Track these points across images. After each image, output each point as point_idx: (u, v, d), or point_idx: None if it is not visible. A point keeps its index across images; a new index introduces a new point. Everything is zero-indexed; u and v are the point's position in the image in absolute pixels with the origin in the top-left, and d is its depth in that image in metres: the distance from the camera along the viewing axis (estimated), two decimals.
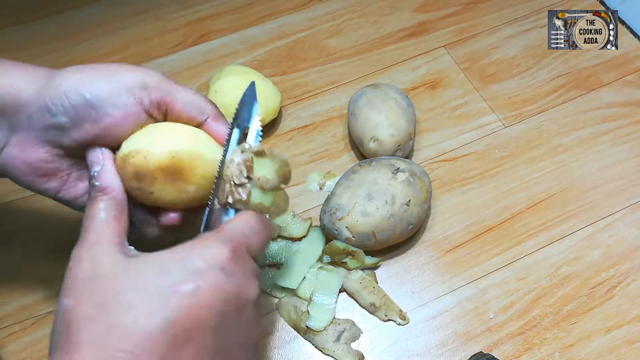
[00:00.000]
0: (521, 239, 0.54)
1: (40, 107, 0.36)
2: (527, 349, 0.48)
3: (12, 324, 0.50)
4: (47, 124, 0.36)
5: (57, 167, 0.39)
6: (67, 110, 0.36)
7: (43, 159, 0.38)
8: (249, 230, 0.36)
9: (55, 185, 0.39)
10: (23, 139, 0.37)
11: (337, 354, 0.48)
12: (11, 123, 0.37)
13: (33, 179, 0.38)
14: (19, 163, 0.37)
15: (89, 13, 0.72)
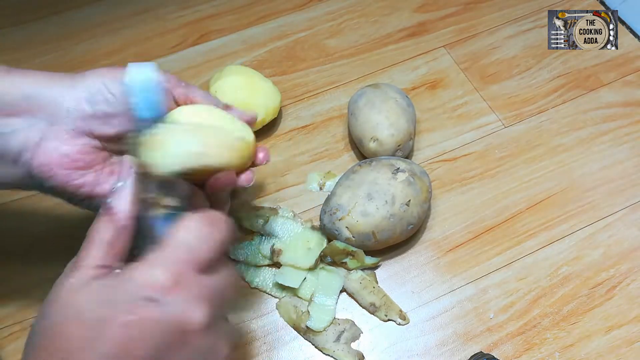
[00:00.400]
0: (521, 239, 0.54)
1: (79, 99, 0.37)
2: (527, 349, 0.48)
3: (12, 324, 0.50)
4: (87, 114, 0.37)
5: (94, 159, 0.39)
6: (107, 99, 0.37)
7: (82, 150, 0.38)
8: (194, 242, 0.33)
9: (90, 180, 0.39)
10: (62, 132, 0.37)
11: (337, 354, 0.48)
12: (49, 117, 0.37)
13: (70, 173, 0.38)
14: (57, 155, 0.37)
15: (89, 13, 0.72)
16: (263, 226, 0.53)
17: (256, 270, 0.52)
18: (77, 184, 0.39)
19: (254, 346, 0.49)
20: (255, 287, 0.51)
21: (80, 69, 0.67)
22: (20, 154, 0.37)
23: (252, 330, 0.50)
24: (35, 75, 0.38)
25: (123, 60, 0.67)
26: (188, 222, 0.33)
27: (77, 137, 0.38)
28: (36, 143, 0.37)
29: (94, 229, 0.34)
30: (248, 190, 0.57)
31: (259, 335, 0.49)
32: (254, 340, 0.49)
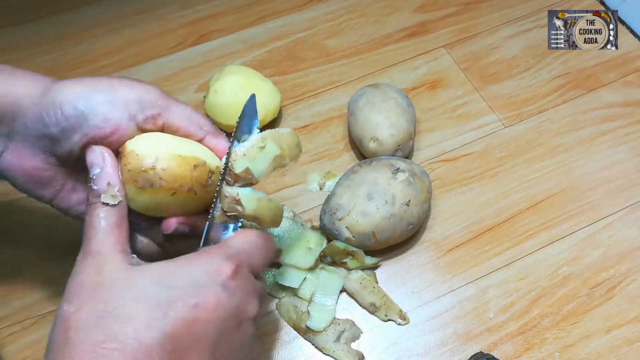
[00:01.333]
0: (521, 239, 0.54)
1: (35, 117, 0.36)
2: (527, 349, 0.48)
3: (12, 324, 0.50)
4: (40, 133, 0.36)
5: (52, 175, 0.39)
6: (59, 122, 0.36)
7: (38, 167, 0.38)
8: (251, 248, 0.37)
9: (49, 193, 0.40)
10: (20, 147, 0.37)
11: (337, 354, 0.48)
12: (10, 130, 0.37)
13: (29, 186, 0.39)
14: (16, 169, 0.38)
15: (88, 13, 0.72)
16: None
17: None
18: (36, 194, 0.39)
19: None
20: None
21: (80, 69, 0.68)
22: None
23: None
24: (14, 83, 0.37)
25: (123, 61, 0.68)
26: (247, 232, 0.38)
27: (33, 154, 0.37)
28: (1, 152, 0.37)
29: (92, 215, 0.35)
30: None
31: (259, 335, 0.49)
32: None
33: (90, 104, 0.36)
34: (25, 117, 0.36)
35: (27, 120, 0.36)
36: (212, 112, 0.58)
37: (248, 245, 0.37)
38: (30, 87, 0.37)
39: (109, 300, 0.31)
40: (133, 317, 0.30)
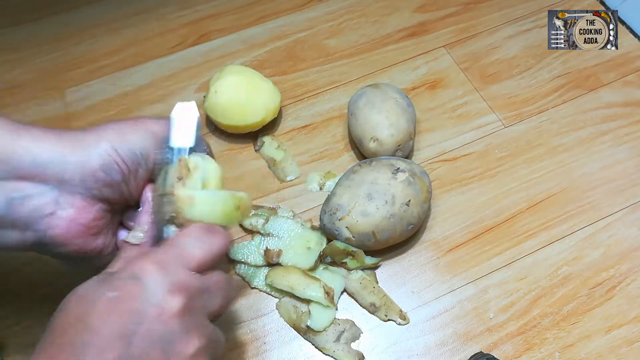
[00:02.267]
0: (521, 239, 0.54)
1: (92, 168, 0.36)
2: (527, 349, 0.48)
3: (12, 324, 0.50)
4: (101, 182, 0.37)
5: (106, 222, 0.39)
6: (121, 169, 0.37)
7: (96, 217, 0.38)
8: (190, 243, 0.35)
9: (101, 242, 0.39)
10: (77, 200, 0.37)
11: (337, 354, 0.48)
12: (60, 183, 0.36)
13: (85, 241, 0.38)
14: (74, 225, 0.37)
15: (89, 13, 0.72)
16: (263, 226, 0.53)
17: (256, 271, 0.52)
18: (89, 249, 0.38)
19: (254, 346, 0.49)
20: (255, 287, 0.51)
21: (80, 69, 0.68)
22: (32, 222, 0.36)
23: (252, 330, 0.50)
24: (45, 137, 0.36)
25: (123, 61, 0.68)
26: (189, 228, 0.36)
27: (92, 204, 0.37)
28: (51, 212, 0.36)
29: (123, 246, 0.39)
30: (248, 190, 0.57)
31: (259, 335, 0.49)
32: (254, 340, 0.49)
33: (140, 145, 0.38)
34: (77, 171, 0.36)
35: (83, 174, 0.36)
36: (212, 112, 0.58)
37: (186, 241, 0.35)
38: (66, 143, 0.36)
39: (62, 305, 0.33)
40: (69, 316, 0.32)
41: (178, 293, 0.33)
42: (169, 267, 0.34)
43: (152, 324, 0.32)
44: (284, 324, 0.50)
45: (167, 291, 0.33)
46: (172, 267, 0.34)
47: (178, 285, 0.33)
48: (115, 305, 0.32)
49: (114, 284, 0.33)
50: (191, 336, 0.33)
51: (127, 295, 0.32)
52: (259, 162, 0.60)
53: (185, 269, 0.34)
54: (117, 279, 0.33)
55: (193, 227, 0.36)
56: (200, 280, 0.35)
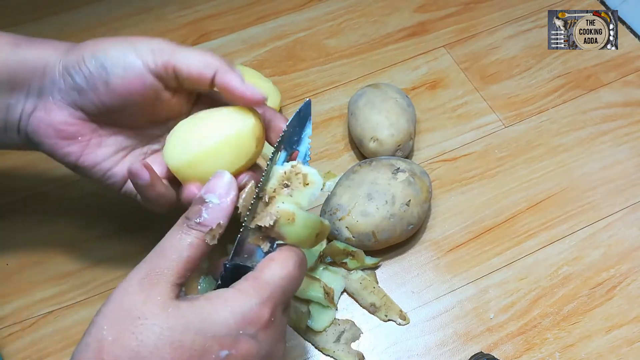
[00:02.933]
0: (521, 239, 0.54)
1: (62, 71, 0.38)
2: (527, 349, 0.48)
3: (12, 324, 0.50)
4: (67, 86, 0.39)
5: (78, 130, 0.40)
6: (84, 74, 0.38)
7: (65, 121, 0.39)
8: (287, 282, 0.34)
9: (76, 149, 0.40)
10: (49, 103, 0.39)
11: (337, 354, 0.48)
12: (40, 87, 0.39)
13: (56, 142, 0.40)
14: (44, 125, 0.39)
15: (88, 13, 0.72)
16: None
17: None
18: (63, 152, 0.40)
19: None
20: None
21: None
22: (19, 126, 0.40)
23: None
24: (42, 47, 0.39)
25: None
26: (285, 262, 0.34)
27: (60, 107, 0.39)
28: (28, 114, 0.40)
29: (183, 241, 0.33)
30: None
31: None
32: None
33: (109, 55, 0.38)
34: (52, 72, 0.39)
35: (54, 76, 0.39)
36: None
37: (286, 280, 0.34)
38: (55, 49, 0.39)
39: (144, 341, 0.29)
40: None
41: (281, 343, 0.35)
42: (276, 317, 0.33)
43: None
44: None
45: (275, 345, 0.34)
46: (278, 316, 0.34)
47: (282, 335, 0.35)
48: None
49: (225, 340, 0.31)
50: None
51: (241, 356, 0.31)
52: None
53: (283, 315, 0.35)
54: (227, 333, 0.31)
55: (295, 266, 0.34)
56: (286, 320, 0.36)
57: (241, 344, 0.31)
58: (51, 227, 0.55)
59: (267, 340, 0.33)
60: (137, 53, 0.38)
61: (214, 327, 0.31)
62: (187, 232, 0.33)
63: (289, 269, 0.34)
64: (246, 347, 0.31)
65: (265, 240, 0.37)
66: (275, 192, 0.37)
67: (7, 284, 0.52)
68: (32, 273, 0.52)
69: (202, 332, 0.30)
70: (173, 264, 0.32)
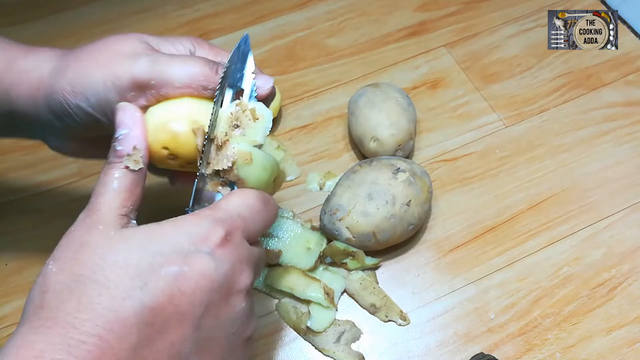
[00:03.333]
0: (522, 239, 0.54)
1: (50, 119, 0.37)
2: (528, 349, 0.48)
3: (12, 324, 0.50)
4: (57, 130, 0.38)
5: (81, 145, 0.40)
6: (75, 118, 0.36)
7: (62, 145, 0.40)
8: (247, 211, 0.34)
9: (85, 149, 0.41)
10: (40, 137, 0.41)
11: (337, 355, 0.48)
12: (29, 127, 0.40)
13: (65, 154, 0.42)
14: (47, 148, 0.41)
15: (88, 12, 0.72)
16: None
17: None
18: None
19: (254, 347, 0.49)
20: (255, 287, 0.51)
21: None
22: None
23: None
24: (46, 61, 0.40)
25: None
26: (244, 193, 0.34)
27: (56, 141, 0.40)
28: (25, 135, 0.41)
29: (108, 175, 0.33)
30: None
31: (259, 336, 0.49)
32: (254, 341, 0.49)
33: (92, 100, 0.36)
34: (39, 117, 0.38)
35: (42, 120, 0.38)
36: None
37: (244, 208, 0.33)
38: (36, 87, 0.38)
39: (88, 263, 0.29)
40: (110, 284, 0.28)
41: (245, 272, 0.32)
42: (236, 243, 0.32)
43: (221, 307, 0.31)
44: (284, 324, 0.50)
45: (236, 271, 0.32)
46: (239, 243, 0.32)
47: (245, 263, 0.32)
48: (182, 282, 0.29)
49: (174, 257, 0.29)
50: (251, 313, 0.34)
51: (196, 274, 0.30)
52: None
53: (247, 243, 0.33)
54: (177, 250, 0.30)
55: (255, 198, 0.34)
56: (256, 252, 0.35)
57: (194, 260, 0.30)
58: (51, 227, 0.54)
59: (226, 259, 0.31)
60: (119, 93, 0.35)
61: (160, 244, 0.30)
62: (110, 167, 0.33)
63: (248, 199, 0.34)
64: (201, 264, 0.30)
65: (224, 185, 0.36)
66: (227, 135, 0.35)
67: (7, 284, 0.52)
68: (32, 273, 0.52)
69: (147, 250, 0.29)
70: (108, 198, 0.32)
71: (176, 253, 0.30)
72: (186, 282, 0.29)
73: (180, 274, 0.29)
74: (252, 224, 0.34)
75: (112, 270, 0.29)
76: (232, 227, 0.32)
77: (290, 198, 0.57)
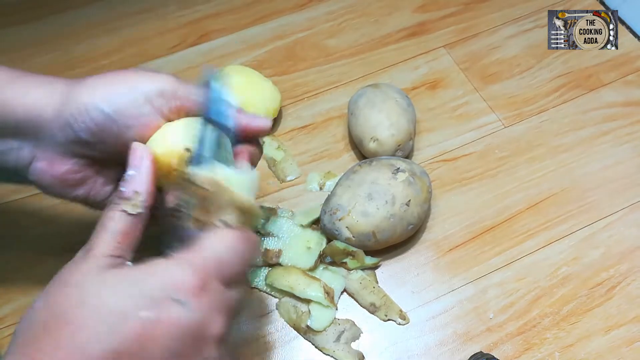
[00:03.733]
0: (521, 239, 0.54)
1: (63, 124, 0.36)
2: (526, 349, 0.48)
3: (12, 324, 0.50)
4: (70, 140, 0.37)
5: (84, 175, 0.39)
6: (88, 127, 0.36)
7: (70, 170, 0.38)
8: (226, 254, 0.33)
9: (83, 192, 0.40)
10: (49, 154, 0.37)
11: (337, 354, 0.48)
12: (36, 140, 0.37)
13: (62, 190, 0.39)
14: (47, 177, 0.38)
15: (88, 13, 0.72)
16: (263, 226, 0.53)
17: (256, 271, 0.52)
18: (70, 197, 0.40)
19: (254, 346, 0.49)
20: (255, 287, 0.51)
21: (79, 69, 0.68)
22: (18, 170, 0.38)
23: (252, 330, 0.50)
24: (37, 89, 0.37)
25: (122, 60, 0.68)
26: (223, 234, 0.34)
27: (63, 158, 0.38)
28: (27, 164, 0.38)
29: (107, 217, 0.33)
30: None
31: (259, 335, 0.49)
32: (254, 341, 0.49)
33: (115, 104, 0.36)
34: (50, 126, 0.36)
35: (54, 129, 0.36)
36: None
37: (223, 251, 0.33)
38: (48, 96, 0.37)
39: (68, 304, 0.29)
40: (83, 325, 0.29)
41: (217, 318, 0.32)
42: (209, 286, 0.31)
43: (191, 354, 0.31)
44: (284, 324, 0.50)
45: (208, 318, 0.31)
46: (212, 286, 0.32)
47: (218, 309, 0.32)
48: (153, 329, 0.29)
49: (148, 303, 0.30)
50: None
51: (167, 320, 0.30)
52: (259, 162, 0.59)
53: (222, 285, 0.33)
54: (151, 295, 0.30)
55: (236, 240, 0.34)
56: (233, 296, 0.34)
57: (168, 308, 0.30)
58: (52, 226, 0.55)
59: (200, 309, 0.31)
60: (146, 98, 0.36)
61: (136, 289, 0.30)
62: (110, 209, 0.34)
63: (228, 240, 0.33)
64: (174, 313, 0.30)
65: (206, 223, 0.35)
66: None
67: (7, 284, 0.52)
68: (32, 273, 0.52)
69: (123, 294, 0.30)
70: (102, 239, 0.32)
71: (150, 299, 0.30)
72: (158, 329, 0.29)
73: (152, 320, 0.29)
74: (230, 268, 0.33)
75: (88, 312, 0.29)
76: (207, 274, 0.32)
77: (290, 198, 0.57)
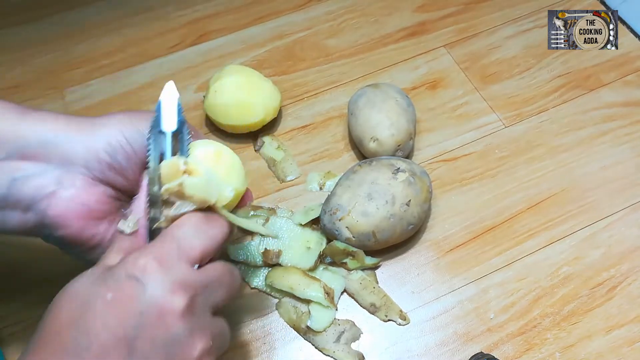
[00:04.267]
0: (521, 239, 0.54)
1: (97, 149, 0.37)
2: (527, 349, 0.48)
3: (12, 323, 0.50)
4: (105, 164, 0.37)
5: (109, 208, 0.38)
6: (126, 152, 0.37)
7: (99, 199, 0.37)
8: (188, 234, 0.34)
9: (102, 230, 0.38)
10: (79, 180, 0.36)
11: (337, 354, 0.48)
12: (63, 164, 0.36)
13: (85, 223, 0.37)
14: (74, 205, 0.36)
15: (88, 13, 0.72)
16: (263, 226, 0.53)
17: (256, 271, 0.52)
18: (90, 234, 0.37)
19: (254, 346, 0.49)
20: (255, 287, 0.51)
21: (80, 69, 0.68)
22: (34, 202, 0.36)
23: (252, 330, 0.49)
24: (54, 120, 0.37)
25: (123, 60, 0.68)
26: (186, 218, 0.35)
27: (94, 185, 0.37)
28: (52, 192, 0.36)
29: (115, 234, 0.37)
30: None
31: (259, 336, 0.49)
32: (254, 341, 0.49)
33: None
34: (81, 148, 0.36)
35: (87, 156, 0.36)
36: (212, 112, 0.58)
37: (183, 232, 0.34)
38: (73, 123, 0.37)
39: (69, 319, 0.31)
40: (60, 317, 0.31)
41: (180, 292, 0.32)
42: (168, 263, 0.32)
43: (154, 328, 0.31)
44: (284, 324, 0.50)
45: (168, 291, 0.31)
46: (172, 263, 0.32)
47: (179, 283, 0.32)
48: (113, 307, 0.31)
49: (111, 284, 0.31)
50: (196, 338, 0.32)
51: (126, 297, 0.31)
52: (259, 162, 0.59)
53: (186, 263, 0.33)
54: (114, 278, 0.31)
55: (190, 216, 0.35)
56: (202, 274, 0.34)
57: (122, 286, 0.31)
58: None
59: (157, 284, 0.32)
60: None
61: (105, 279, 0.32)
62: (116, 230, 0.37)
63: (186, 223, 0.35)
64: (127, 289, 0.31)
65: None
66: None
67: (8, 283, 0.52)
68: (32, 273, 0.52)
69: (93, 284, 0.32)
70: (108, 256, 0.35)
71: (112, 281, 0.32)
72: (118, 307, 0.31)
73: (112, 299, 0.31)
74: (194, 246, 0.34)
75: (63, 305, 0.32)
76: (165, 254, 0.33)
77: (290, 198, 0.57)
